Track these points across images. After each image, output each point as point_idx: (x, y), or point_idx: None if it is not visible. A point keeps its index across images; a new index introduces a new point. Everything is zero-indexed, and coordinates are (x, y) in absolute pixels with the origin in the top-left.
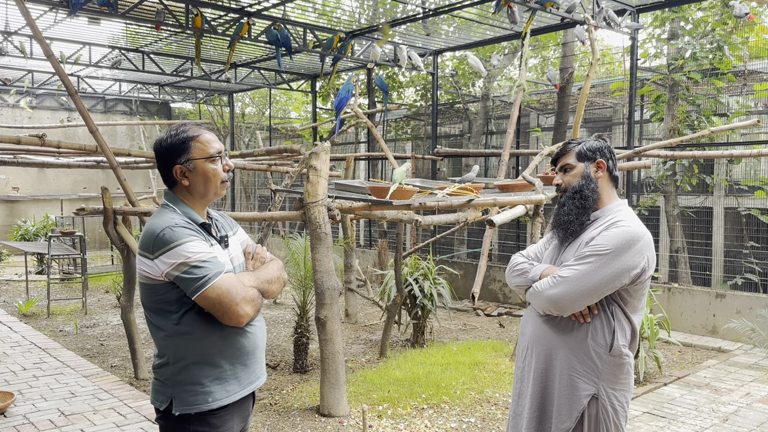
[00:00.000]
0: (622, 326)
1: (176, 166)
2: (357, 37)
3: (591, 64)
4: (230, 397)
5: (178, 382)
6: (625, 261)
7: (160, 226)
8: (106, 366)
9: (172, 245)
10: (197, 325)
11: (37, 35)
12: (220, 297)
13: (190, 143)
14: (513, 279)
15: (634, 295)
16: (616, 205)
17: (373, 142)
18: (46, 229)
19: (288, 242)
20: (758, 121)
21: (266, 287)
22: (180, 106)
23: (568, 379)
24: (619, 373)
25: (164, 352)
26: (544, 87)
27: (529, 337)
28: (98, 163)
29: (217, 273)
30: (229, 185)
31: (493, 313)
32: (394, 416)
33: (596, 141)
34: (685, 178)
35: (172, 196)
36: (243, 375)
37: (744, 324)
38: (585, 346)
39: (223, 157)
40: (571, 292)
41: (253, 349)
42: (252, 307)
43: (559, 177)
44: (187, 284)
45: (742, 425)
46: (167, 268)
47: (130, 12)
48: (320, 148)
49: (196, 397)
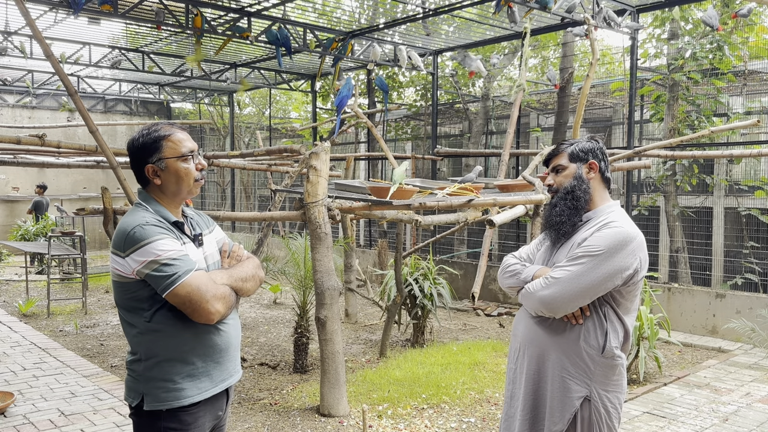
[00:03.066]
0: (614, 328)
1: (148, 165)
2: (357, 37)
3: (591, 64)
4: (202, 394)
5: (149, 378)
6: (618, 262)
7: (131, 224)
8: (106, 366)
9: (143, 243)
10: (169, 322)
11: (37, 35)
12: (189, 294)
13: (161, 142)
14: (505, 280)
15: (626, 296)
16: (609, 206)
17: (373, 142)
18: (46, 229)
19: (288, 242)
20: (758, 121)
21: (240, 285)
22: (180, 106)
23: (561, 381)
24: (612, 374)
25: (137, 349)
26: (544, 87)
27: (521, 339)
28: (98, 163)
29: (188, 270)
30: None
31: (493, 313)
32: (394, 416)
33: (589, 142)
34: (685, 178)
35: (145, 195)
36: (215, 372)
37: (744, 324)
38: (577, 348)
39: (196, 156)
40: (564, 294)
41: (225, 346)
42: (223, 305)
43: (550, 178)
44: (158, 282)
45: (742, 425)
46: (138, 266)
47: (130, 12)
48: (320, 148)
49: (167, 393)
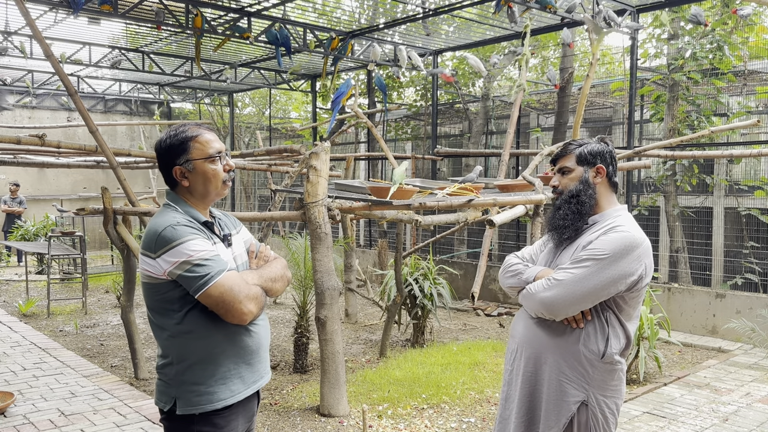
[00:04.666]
0: (616, 333)
1: (176, 167)
2: (357, 37)
3: (591, 64)
4: (234, 396)
5: (181, 382)
6: (623, 267)
7: (162, 224)
8: (106, 366)
9: (174, 244)
10: (200, 324)
11: (37, 35)
12: (223, 295)
13: (189, 144)
14: (506, 280)
15: (629, 302)
16: (616, 209)
17: (373, 142)
18: (46, 229)
19: (288, 242)
20: (758, 121)
21: (270, 285)
22: (180, 106)
23: (557, 384)
24: (610, 380)
25: (168, 352)
26: (544, 87)
27: (518, 340)
28: (98, 163)
29: (220, 271)
30: (230, 185)
31: (493, 313)
32: (394, 416)
33: (598, 144)
34: (685, 178)
35: (174, 195)
36: (247, 374)
37: (744, 324)
38: (576, 352)
39: (224, 157)
40: (566, 296)
41: (257, 348)
42: (255, 305)
43: (556, 179)
44: (190, 282)
45: (742, 425)
46: (169, 266)
47: (130, 12)
48: (320, 148)
49: (200, 397)
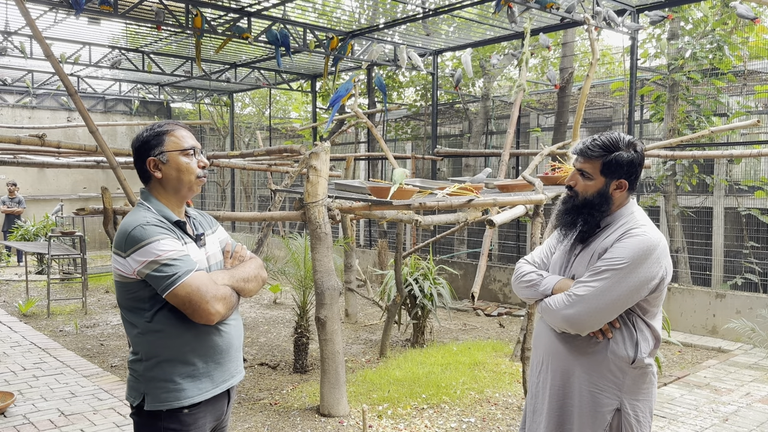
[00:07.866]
0: (644, 336)
1: (150, 158)
2: (357, 37)
3: (591, 64)
4: (202, 395)
5: (150, 378)
6: (643, 273)
7: (132, 224)
8: (106, 366)
9: (143, 243)
10: (170, 323)
11: (37, 35)
12: (189, 295)
13: (164, 137)
14: (522, 291)
15: (652, 302)
16: (628, 207)
17: (373, 142)
18: (46, 229)
19: (288, 242)
20: (758, 121)
21: (242, 285)
22: (180, 106)
23: (589, 396)
24: (642, 383)
25: (138, 349)
26: (544, 87)
27: (543, 352)
28: (98, 163)
29: (188, 271)
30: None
31: (493, 313)
32: (394, 416)
33: (628, 152)
34: (685, 178)
35: (147, 194)
36: (216, 373)
37: (744, 324)
38: (606, 361)
39: (198, 154)
40: (589, 312)
41: (227, 347)
42: (223, 306)
43: (575, 177)
44: (158, 282)
45: (742, 425)
46: (138, 266)
47: (130, 12)
48: (320, 148)
49: (167, 394)
